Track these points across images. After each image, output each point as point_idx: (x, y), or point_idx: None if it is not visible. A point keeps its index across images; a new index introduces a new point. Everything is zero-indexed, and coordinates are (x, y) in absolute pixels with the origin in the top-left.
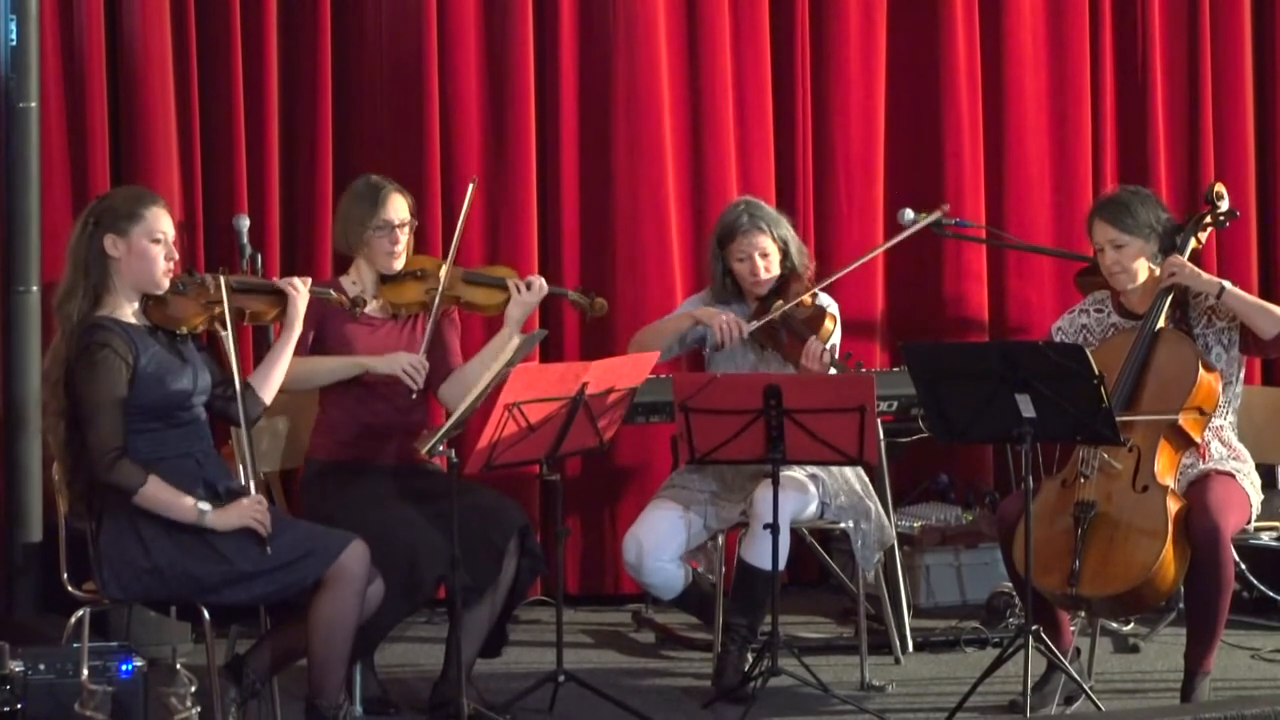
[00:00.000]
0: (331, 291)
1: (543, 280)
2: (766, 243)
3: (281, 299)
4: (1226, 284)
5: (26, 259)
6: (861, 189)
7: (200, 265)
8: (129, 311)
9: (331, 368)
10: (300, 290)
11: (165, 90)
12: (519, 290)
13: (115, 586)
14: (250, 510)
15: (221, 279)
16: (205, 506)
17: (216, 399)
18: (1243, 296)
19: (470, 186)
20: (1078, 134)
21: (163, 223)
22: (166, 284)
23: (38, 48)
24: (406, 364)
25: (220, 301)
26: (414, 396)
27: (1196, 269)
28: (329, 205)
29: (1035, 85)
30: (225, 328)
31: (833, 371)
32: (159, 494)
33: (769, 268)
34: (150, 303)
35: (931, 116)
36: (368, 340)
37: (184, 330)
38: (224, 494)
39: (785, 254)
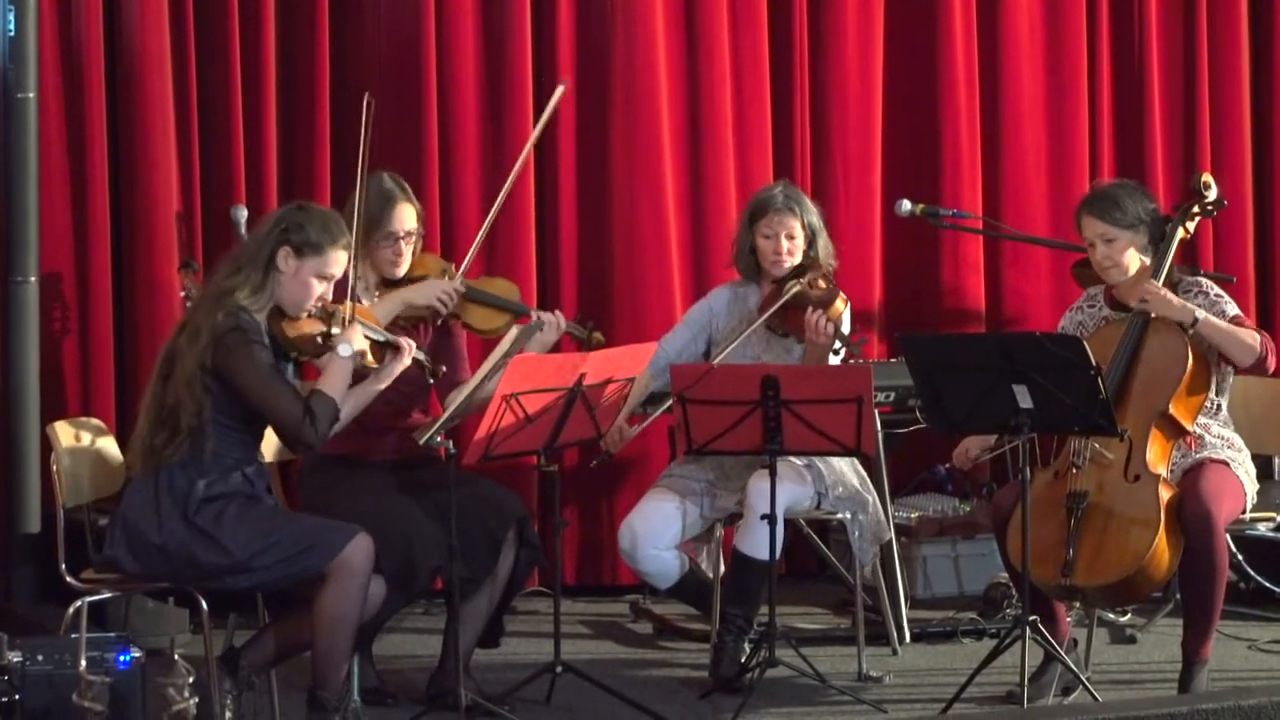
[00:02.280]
0: (423, 357)
1: (558, 317)
2: (795, 225)
3: (385, 351)
4: (1200, 314)
5: (25, 250)
6: (858, 179)
7: (198, 255)
8: (262, 317)
9: (382, 313)
10: (409, 353)
11: (163, 81)
12: (541, 329)
13: (124, 551)
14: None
15: (349, 314)
16: (341, 350)
17: None
18: (1217, 326)
19: (559, 89)
20: (1074, 125)
21: (337, 266)
22: (305, 316)
23: (36, 38)
24: (440, 292)
25: (337, 334)
26: (431, 382)
27: (1170, 297)
28: (326, 197)
29: (1032, 76)
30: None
31: (837, 345)
32: (331, 389)
33: (792, 250)
34: (280, 317)
35: (928, 107)
36: None
37: (294, 354)
38: (264, 498)
39: (811, 243)
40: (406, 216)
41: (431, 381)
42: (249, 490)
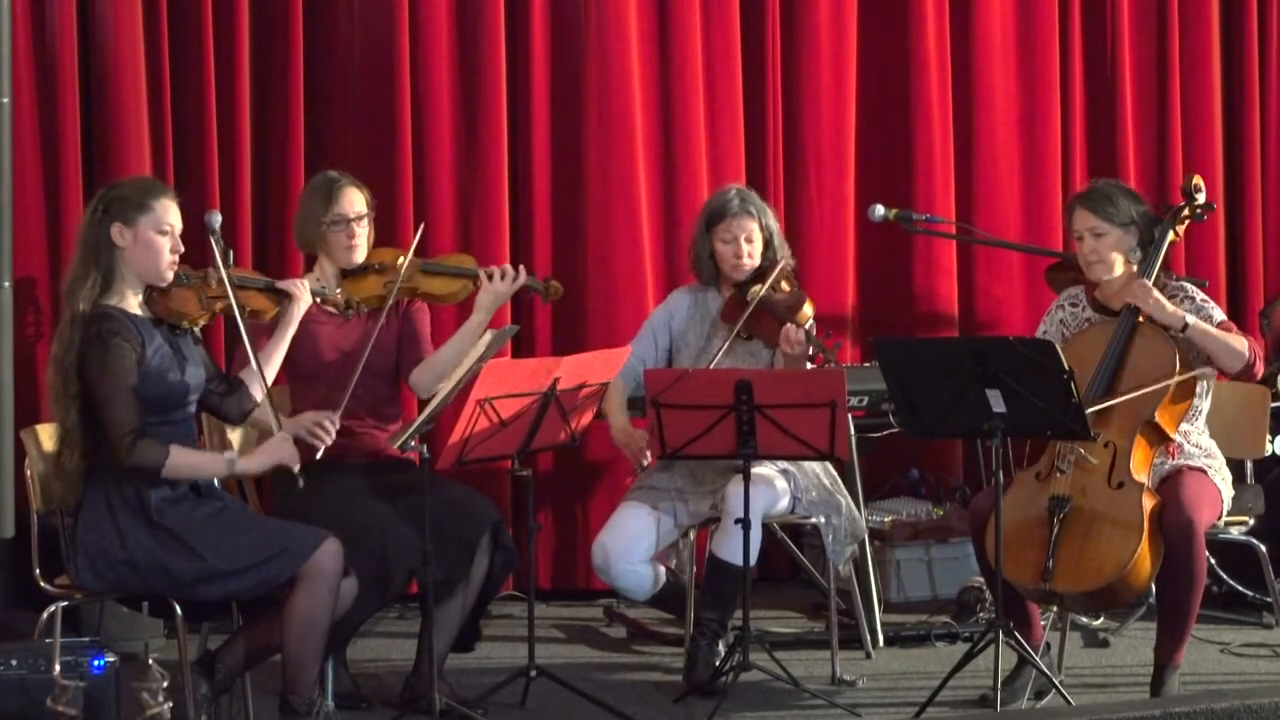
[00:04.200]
0: (327, 292)
1: (518, 269)
2: (753, 228)
3: (279, 298)
4: (1190, 319)
5: None
6: (832, 183)
7: None
8: (134, 302)
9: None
10: (303, 292)
11: (137, 86)
12: (490, 279)
13: (89, 575)
14: (278, 448)
15: (224, 274)
16: (232, 455)
17: (210, 394)
18: (1207, 332)
19: (419, 231)
20: (1047, 129)
21: (171, 215)
22: (170, 277)
23: (9, 43)
24: (309, 424)
25: (222, 296)
26: (317, 456)
27: (1162, 299)
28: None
29: (1005, 80)
30: (237, 320)
31: (811, 350)
32: (185, 460)
33: (751, 254)
34: (154, 294)
35: (901, 110)
36: (330, 335)
37: (185, 324)
38: (205, 491)
39: (768, 244)
40: (353, 199)
41: (347, 316)
42: (199, 485)
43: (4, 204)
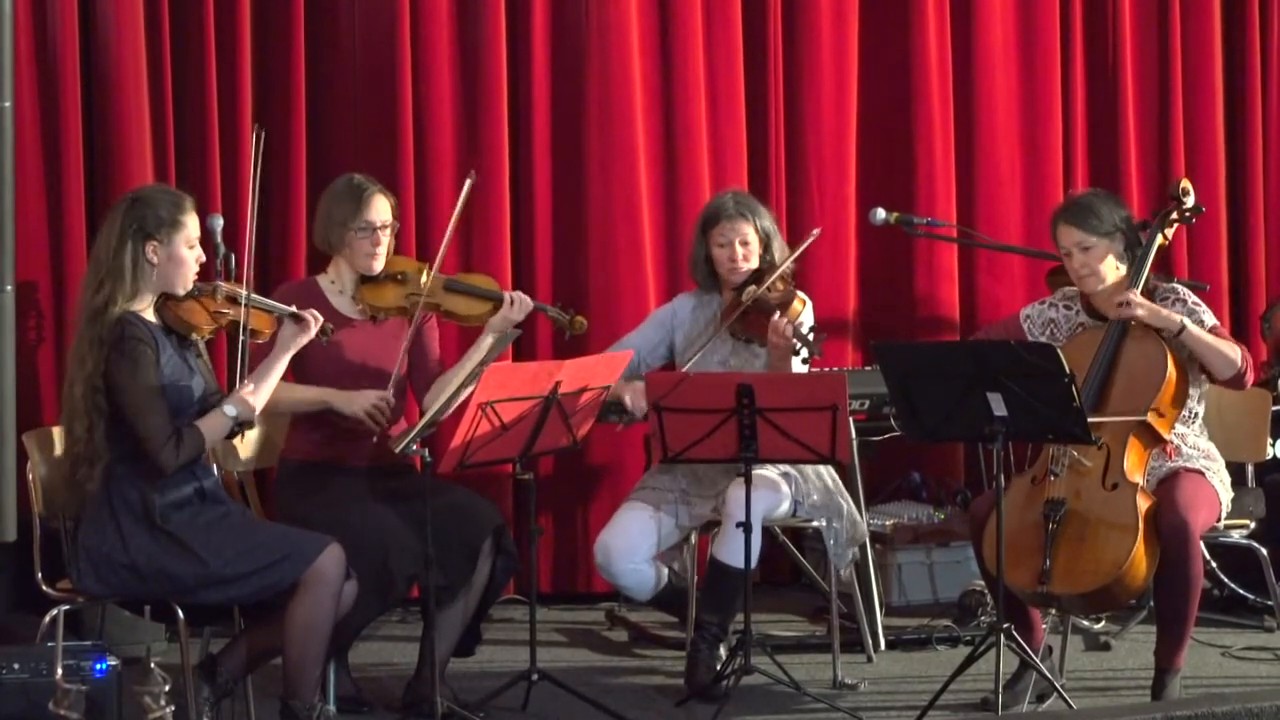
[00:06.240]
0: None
1: (526, 297)
2: (749, 231)
3: (278, 319)
4: (1186, 322)
5: (0, 258)
6: (833, 188)
7: None
8: (148, 310)
9: (295, 399)
10: (314, 324)
11: (139, 89)
12: (513, 304)
13: (92, 580)
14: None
15: (240, 293)
16: (228, 410)
17: (208, 407)
18: (1200, 337)
19: (468, 182)
20: (1048, 132)
21: (196, 227)
22: (191, 285)
23: (11, 47)
24: (370, 406)
25: (228, 311)
26: (374, 440)
27: (1154, 306)
28: (303, 206)
29: (1006, 84)
30: (240, 336)
31: (798, 346)
32: (209, 433)
33: (748, 257)
34: (166, 302)
35: (903, 115)
36: (347, 342)
37: (193, 336)
38: (208, 495)
39: (766, 247)
40: (381, 207)
41: (322, 342)
42: (204, 489)
43: (6, 208)
